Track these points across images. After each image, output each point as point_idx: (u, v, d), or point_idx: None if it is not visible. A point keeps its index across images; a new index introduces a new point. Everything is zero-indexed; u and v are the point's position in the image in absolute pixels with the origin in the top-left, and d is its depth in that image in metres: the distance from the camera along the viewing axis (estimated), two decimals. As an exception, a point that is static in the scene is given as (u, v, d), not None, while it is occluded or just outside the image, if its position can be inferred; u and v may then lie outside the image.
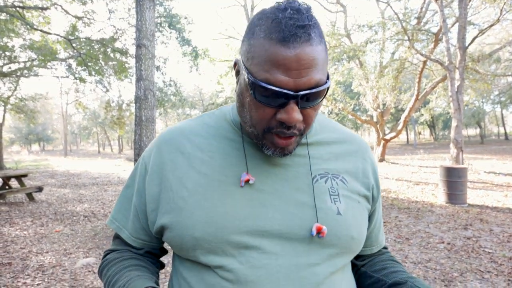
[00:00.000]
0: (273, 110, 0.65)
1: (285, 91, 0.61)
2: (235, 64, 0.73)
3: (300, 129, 0.67)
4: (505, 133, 35.69)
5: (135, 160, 5.88)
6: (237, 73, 0.73)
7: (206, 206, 0.70)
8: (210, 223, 0.69)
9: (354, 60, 14.85)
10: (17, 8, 10.22)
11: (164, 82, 12.16)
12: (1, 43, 12.28)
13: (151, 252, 0.85)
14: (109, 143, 51.29)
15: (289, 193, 0.73)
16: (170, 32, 11.11)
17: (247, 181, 0.72)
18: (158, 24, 10.72)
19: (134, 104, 5.94)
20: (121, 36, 11.75)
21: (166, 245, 2.71)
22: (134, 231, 0.81)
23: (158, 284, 0.75)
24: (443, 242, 4.59)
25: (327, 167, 0.78)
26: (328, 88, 0.66)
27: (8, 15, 10.20)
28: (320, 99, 0.65)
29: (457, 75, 8.71)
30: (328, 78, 0.67)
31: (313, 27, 0.62)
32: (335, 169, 0.78)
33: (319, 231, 0.69)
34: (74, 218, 6.44)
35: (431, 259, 3.96)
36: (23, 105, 18.72)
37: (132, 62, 11.52)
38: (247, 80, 0.65)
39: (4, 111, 19.43)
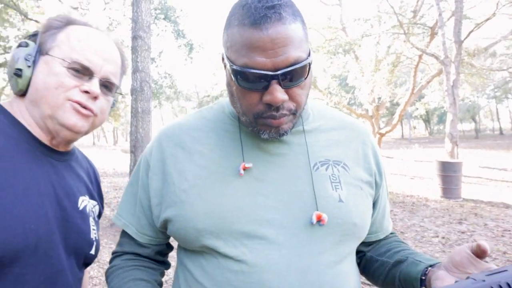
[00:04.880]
0: (258, 94, 0.66)
1: (264, 72, 0.62)
2: (222, 58, 0.73)
3: (290, 109, 0.67)
4: (500, 128, 36.02)
5: (131, 152, 5.84)
6: (225, 66, 0.73)
7: (206, 198, 0.71)
8: (211, 214, 0.70)
9: (349, 53, 14.83)
10: (10, -2, 10.04)
11: (159, 74, 12.07)
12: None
13: (158, 250, 0.85)
14: (104, 135, 51.00)
15: (288, 182, 0.73)
16: (166, 25, 11.00)
17: (245, 169, 0.72)
18: (153, 17, 10.61)
19: (129, 96, 5.90)
20: (115, 28, 11.61)
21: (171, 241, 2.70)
22: (140, 227, 0.82)
23: None
24: (437, 236, 4.65)
25: (327, 154, 0.78)
26: (310, 65, 0.66)
27: (2, 5, 10.01)
28: (304, 77, 0.66)
29: (452, 69, 8.73)
30: (309, 55, 0.67)
31: (284, 6, 0.63)
32: (336, 156, 0.78)
33: (319, 219, 0.69)
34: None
35: (426, 253, 4.00)
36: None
37: (126, 53, 11.35)
38: (229, 69, 0.67)
39: (-3, 102, 19.23)
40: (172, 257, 3.13)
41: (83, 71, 0.75)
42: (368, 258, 0.87)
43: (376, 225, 0.86)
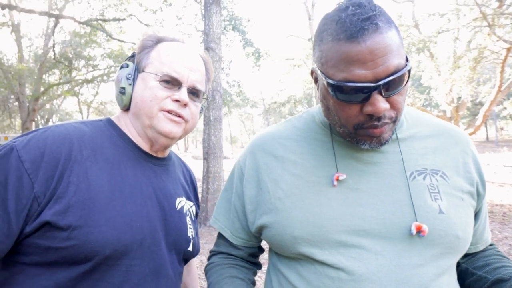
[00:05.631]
0: (358, 105, 0.65)
1: (365, 84, 0.62)
2: (312, 72, 0.75)
3: (391, 117, 0.67)
4: None
5: (204, 159, 6.13)
6: (315, 80, 0.75)
7: (302, 206, 0.73)
8: (307, 222, 0.71)
9: (423, 51, 13.89)
10: (99, 21, 11.26)
11: (228, 82, 12.53)
12: (86, 54, 13.64)
13: (250, 252, 0.90)
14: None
15: (384, 191, 0.71)
16: (234, 36, 11.41)
17: (337, 179, 0.72)
18: (223, 28, 11.07)
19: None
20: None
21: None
22: (235, 230, 0.87)
23: None
24: (536, 251, 4.11)
25: (424, 163, 0.75)
26: (410, 71, 0.65)
27: (91, 28, 11.27)
28: (404, 83, 0.65)
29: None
30: (407, 60, 0.66)
31: (379, 15, 0.62)
32: (433, 164, 0.75)
33: (418, 230, 0.67)
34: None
35: (523, 269, 3.56)
36: (102, 107, 20.66)
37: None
38: (326, 84, 0.67)
39: (88, 113, 21.66)
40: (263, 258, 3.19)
41: (172, 82, 0.84)
42: (463, 270, 0.82)
43: (476, 237, 0.81)
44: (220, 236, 0.92)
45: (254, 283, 0.87)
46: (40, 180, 0.69)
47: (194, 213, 1.02)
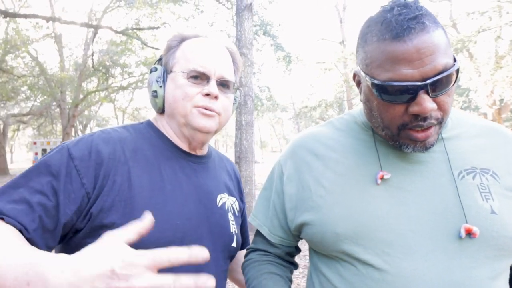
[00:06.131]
0: (403, 106, 0.64)
1: (412, 83, 0.61)
2: (354, 75, 0.75)
3: (437, 118, 0.65)
4: None
5: (236, 163, 6.16)
6: (358, 83, 0.75)
7: (344, 203, 0.72)
8: (350, 219, 0.70)
9: (462, 52, 13.31)
10: (134, 30, 11.70)
11: (259, 87, 12.59)
12: (122, 61, 14.20)
13: (287, 251, 0.91)
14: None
15: (431, 191, 0.69)
16: (265, 41, 11.47)
17: (382, 178, 0.71)
18: (254, 33, 11.17)
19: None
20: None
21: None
22: (273, 228, 0.88)
23: None
24: None
25: (473, 162, 0.72)
26: (458, 71, 0.63)
27: (127, 36, 11.73)
28: (452, 84, 0.63)
29: None
30: (455, 60, 0.64)
31: (425, 15, 0.61)
32: (483, 164, 0.72)
33: (469, 232, 0.64)
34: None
35: None
36: (137, 113, 21.42)
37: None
38: (370, 85, 0.66)
39: (123, 118, 22.54)
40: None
41: (201, 77, 0.84)
42: None
43: None
44: (258, 233, 0.94)
45: (291, 281, 0.87)
46: (88, 177, 0.72)
47: (238, 208, 1.02)
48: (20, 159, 51.57)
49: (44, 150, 18.56)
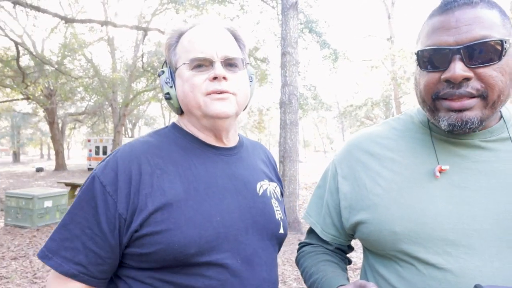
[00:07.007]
0: (438, 73, 0.65)
1: (444, 47, 0.62)
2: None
3: (477, 88, 0.62)
4: None
5: (280, 162, 6.11)
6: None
7: (402, 202, 0.71)
8: (409, 218, 0.69)
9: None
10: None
11: (304, 86, 12.42)
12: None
13: (340, 249, 0.92)
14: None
15: (498, 191, 0.66)
16: (312, 38, 11.28)
17: (441, 171, 0.69)
18: (299, 31, 11.02)
19: (272, 109, 6.18)
20: (261, 46, 12.52)
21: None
22: (326, 226, 0.89)
23: (348, 280, 0.77)
24: None
25: None
26: (504, 47, 0.61)
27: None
28: (497, 58, 0.61)
29: None
30: (506, 41, 0.61)
31: None
32: None
33: None
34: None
35: None
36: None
37: (271, 69, 12.17)
38: (415, 58, 0.69)
39: (169, 117, 23.27)
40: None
41: (204, 63, 0.81)
42: None
43: None
44: (311, 231, 0.96)
45: (346, 270, 0.87)
46: (120, 198, 0.74)
47: (280, 193, 1.00)
48: (76, 155, 55.38)
49: (97, 148, 19.74)
